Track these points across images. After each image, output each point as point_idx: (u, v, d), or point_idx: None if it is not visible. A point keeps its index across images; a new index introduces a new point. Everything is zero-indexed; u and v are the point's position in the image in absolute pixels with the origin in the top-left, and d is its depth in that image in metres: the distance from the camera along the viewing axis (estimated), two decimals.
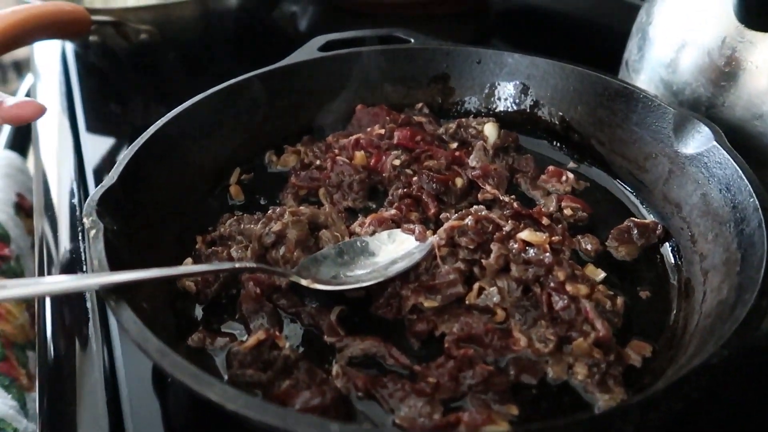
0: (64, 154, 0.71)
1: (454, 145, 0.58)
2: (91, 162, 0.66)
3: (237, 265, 0.38)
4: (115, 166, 0.44)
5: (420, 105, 0.62)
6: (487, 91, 0.61)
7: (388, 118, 0.59)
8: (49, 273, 0.56)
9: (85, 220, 0.38)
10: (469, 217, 0.43)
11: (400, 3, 0.97)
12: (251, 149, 0.58)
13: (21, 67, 3.36)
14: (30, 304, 0.73)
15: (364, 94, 0.62)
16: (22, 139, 0.90)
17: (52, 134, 0.76)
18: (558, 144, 0.59)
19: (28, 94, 0.99)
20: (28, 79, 1.03)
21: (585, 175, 0.55)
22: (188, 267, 0.36)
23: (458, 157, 0.55)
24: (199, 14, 0.82)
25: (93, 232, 0.37)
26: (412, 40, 0.63)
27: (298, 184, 0.53)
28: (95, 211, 0.39)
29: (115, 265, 0.36)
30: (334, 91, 0.61)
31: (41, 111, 0.51)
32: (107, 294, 0.33)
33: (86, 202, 0.40)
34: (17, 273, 0.72)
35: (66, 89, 0.82)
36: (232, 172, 0.56)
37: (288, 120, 0.60)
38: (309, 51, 0.61)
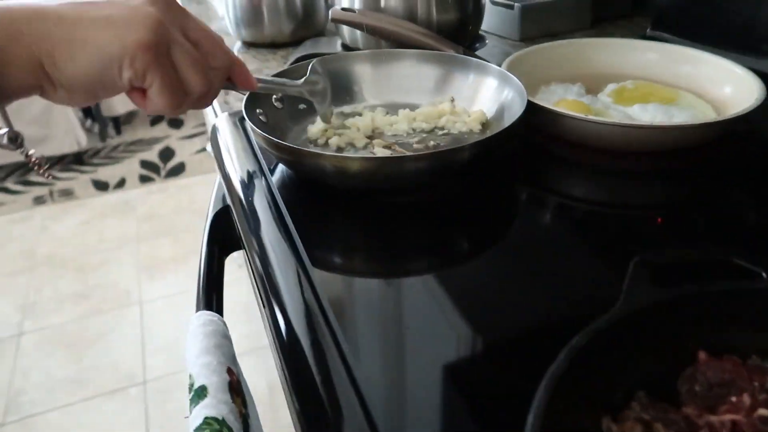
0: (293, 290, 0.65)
1: None
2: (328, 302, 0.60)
3: None
4: None
5: None
6: None
7: (756, 384, 0.48)
8: None
9: None
10: None
11: (610, 149, 0.87)
12: (578, 414, 0.48)
13: (119, 123, 3.43)
14: None
15: (704, 338, 0.52)
16: (218, 294, 0.82)
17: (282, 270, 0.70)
18: None
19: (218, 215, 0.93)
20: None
21: None
22: None
23: None
24: (430, 168, 0.78)
25: None
26: (764, 274, 0.53)
27: None
28: None
29: None
30: (666, 339, 0.51)
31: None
32: None
33: None
34: None
35: (279, 220, 0.76)
36: None
37: (618, 373, 0.50)
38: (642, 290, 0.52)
